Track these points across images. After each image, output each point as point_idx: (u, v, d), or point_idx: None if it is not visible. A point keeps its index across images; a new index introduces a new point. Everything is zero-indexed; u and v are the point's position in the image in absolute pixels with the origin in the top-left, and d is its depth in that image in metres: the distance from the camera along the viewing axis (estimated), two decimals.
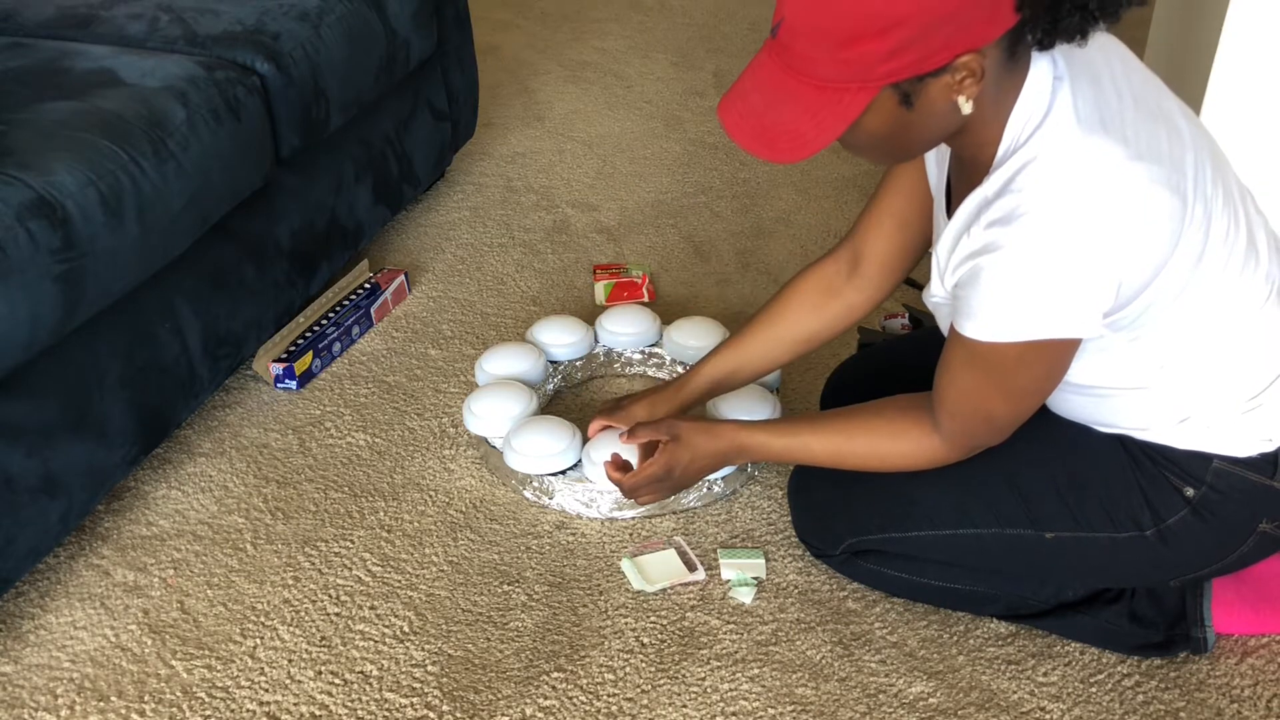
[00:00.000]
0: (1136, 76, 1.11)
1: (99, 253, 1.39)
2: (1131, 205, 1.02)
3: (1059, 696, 1.31)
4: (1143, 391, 1.18)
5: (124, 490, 1.64)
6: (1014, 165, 1.04)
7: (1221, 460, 1.18)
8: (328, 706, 1.31)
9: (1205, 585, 1.33)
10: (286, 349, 1.85)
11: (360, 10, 1.95)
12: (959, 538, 1.30)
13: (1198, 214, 1.07)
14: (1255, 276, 1.14)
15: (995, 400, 1.15)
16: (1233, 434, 1.18)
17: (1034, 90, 1.04)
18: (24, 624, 1.42)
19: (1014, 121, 1.05)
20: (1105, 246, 1.02)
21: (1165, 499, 1.21)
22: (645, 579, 1.47)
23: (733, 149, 2.67)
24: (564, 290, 2.12)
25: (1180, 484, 1.20)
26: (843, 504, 1.39)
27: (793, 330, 1.46)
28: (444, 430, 1.76)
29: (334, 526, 1.57)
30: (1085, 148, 1.02)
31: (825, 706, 1.30)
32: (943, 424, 1.20)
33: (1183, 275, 1.08)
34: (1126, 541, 1.23)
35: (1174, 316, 1.11)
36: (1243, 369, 1.17)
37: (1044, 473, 1.26)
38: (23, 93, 1.53)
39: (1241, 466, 1.18)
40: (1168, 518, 1.21)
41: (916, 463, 1.24)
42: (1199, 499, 1.19)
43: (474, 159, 2.63)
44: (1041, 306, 1.05)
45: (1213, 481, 1.19)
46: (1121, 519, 1.23)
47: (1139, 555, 1.24)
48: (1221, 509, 1.20)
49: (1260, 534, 1.21)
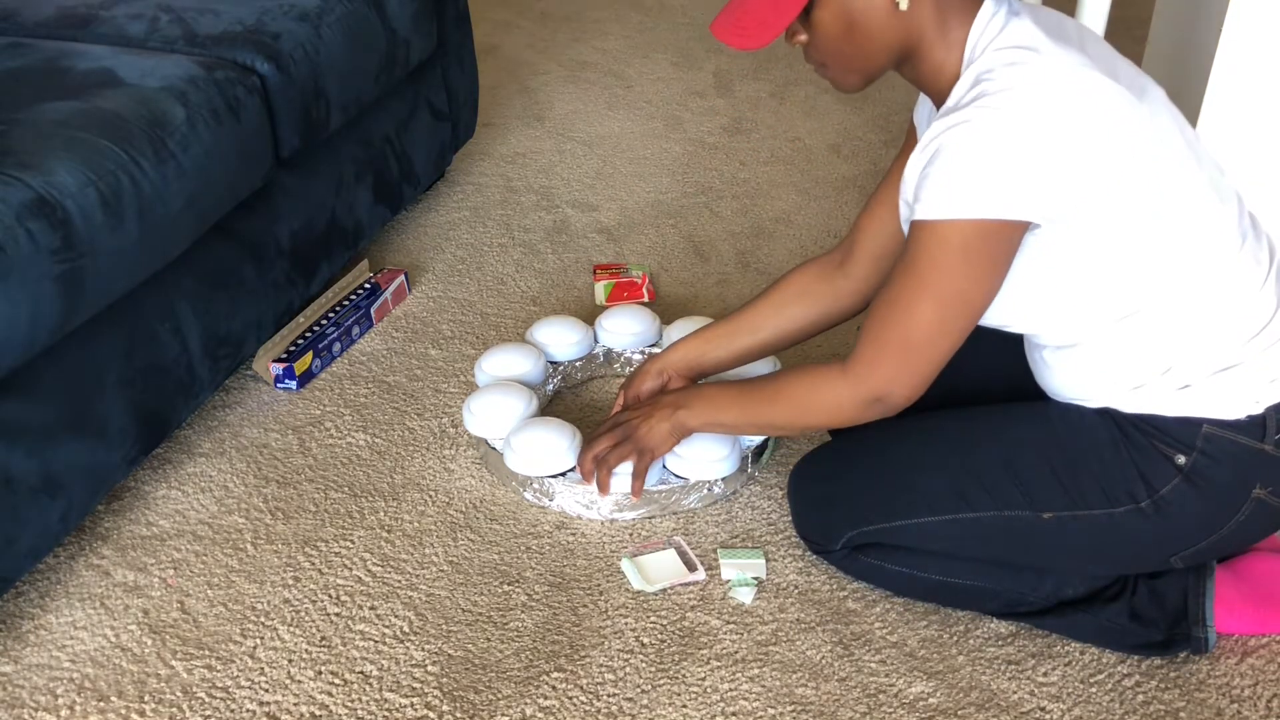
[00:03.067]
0: (1105, 47, 1.20)
1: (99, 253, 1.39)
2: (1085, 96, 1.10)
3: (1059, 696, 1.31)
4: (1124, 342, 1.20)
5: (124, 490, 1.64)
6: (970, 75, 1.14)
7: (1210, 424, 1.20)
8: (328, 706, 1.31)
9: (1208, 584, 1.33)
10: (286, 349, 1.86)
11: (360, 10, 1.95)
12: (958, 523, 1.31)
13: (1157, 131, 1.14)
14: (1225, 221, 1.19)
15: (923, 310, 1.17)
16: (1219, 396, 1.20)
17: (985, 17, 1.16)
18: (24, 624, 1.42)
19: (969, 45, 1.16)
20: (1057, 129, 1.09)
21: (1157, 469, 1.22)
22: (645, 579, 1.47)
23: (733, 149, 2.68)
24: (564, 290, 2.12)
25: (1171, 452, 1.21)
26: (842, 496, 1.40)
27: (779, 318, 1.53)
28: (444, 430, 1.76)
29: (334, 526, 1.57)
30: (1044, 53, 1.11)
31: (825, 706, 1.30)
32: (857, 359, 1.24)
33: (1144, 193, 1.13)
34: (1123, 516, 1.24)
35: (1145, 247, 1.15)
36: (1221, 318, 1.19)
37: (1038, 454, 1.28)
38: (23, 93, 1.53)
39: (1231, 430, 1.20)
40: (1161, 488, 1.22)
41: (826, 414, 1.31)
42: (1190, 465, 1.21)
43: (474, 159, 2.63)
44: (993, 181, 1.10)
45: (1203, 446, 1.20)
46: (1117, 494, 1.24)
47: (1137, 530, 1.25)
48: (1214, 474, 1.21)
49: (1255, 501, 1.22)
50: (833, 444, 1.48)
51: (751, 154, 2.65)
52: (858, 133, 2.76)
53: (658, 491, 1.57)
